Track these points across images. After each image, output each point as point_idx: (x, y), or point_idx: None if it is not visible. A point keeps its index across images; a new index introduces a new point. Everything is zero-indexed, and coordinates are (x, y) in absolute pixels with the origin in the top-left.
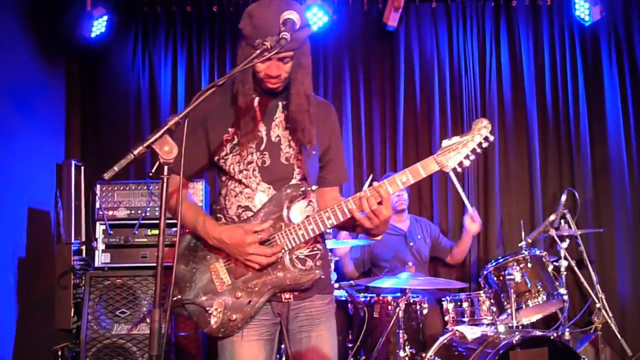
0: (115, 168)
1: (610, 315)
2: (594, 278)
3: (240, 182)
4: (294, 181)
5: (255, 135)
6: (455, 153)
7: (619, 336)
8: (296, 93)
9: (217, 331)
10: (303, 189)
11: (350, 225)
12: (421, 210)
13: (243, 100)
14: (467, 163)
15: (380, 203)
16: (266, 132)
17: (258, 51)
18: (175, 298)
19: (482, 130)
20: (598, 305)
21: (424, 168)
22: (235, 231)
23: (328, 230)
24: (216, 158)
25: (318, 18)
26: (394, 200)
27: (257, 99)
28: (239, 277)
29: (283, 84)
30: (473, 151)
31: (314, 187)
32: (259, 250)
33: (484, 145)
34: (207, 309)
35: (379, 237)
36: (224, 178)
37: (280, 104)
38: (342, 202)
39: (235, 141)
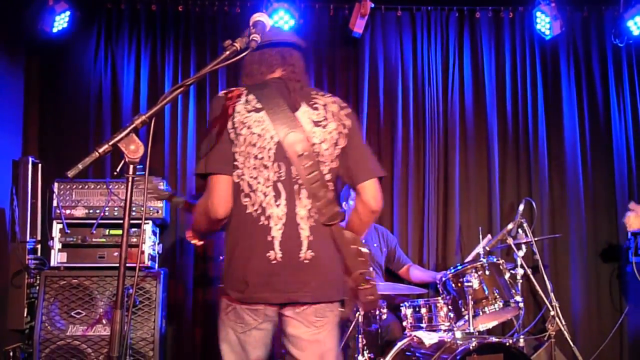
0: (80, 166)
1: (563, 322)
2: (549, 286)
3: None
4: None
5: None
6: None
7: (571, 343)
8: None
9: None
10: None
11: None
12: (382, 219)
13: None
14: None
15: None
16: None
17: (228, 52)
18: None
19: None
20: (552, 313)
21: None
22: None
23: None
24: None
25: (284, 22)
26: None
27: None
28: None
29: None
30: None
31: None
32: None
33: None
34: None
35: None
36: None
37: None
38: None
39: None
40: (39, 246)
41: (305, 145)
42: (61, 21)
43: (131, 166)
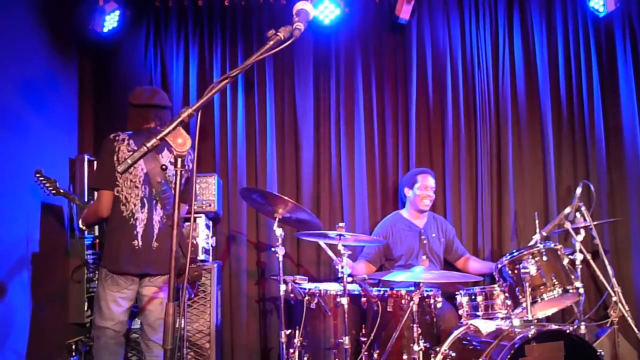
0: (129, 161)
1: (627, 308)
2: (610, 271)
3: None
4: None
5: None
6: None
7: (635, 329)
8: None
9: None
10: None
11: None
12: (435, 207)
13: None
14: None
15: None
16: None
17: (272, 42)
18: None
19: None
20: (614, 298)
21: None
22: None
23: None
24: None
25: (330, 11)
26: (423, 201)
27: None
28: None
29: None
30: None
31: None
32: None
33: None
34: None
35: None
36: None
37: None
38: None
39: None
40: (97, 241)
41: (163, 175)
42: (111, 21)
43: (179, 159)
